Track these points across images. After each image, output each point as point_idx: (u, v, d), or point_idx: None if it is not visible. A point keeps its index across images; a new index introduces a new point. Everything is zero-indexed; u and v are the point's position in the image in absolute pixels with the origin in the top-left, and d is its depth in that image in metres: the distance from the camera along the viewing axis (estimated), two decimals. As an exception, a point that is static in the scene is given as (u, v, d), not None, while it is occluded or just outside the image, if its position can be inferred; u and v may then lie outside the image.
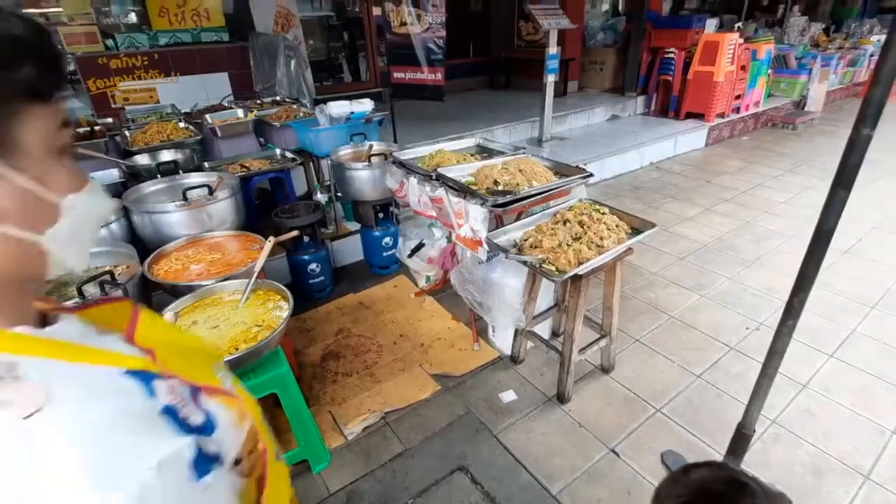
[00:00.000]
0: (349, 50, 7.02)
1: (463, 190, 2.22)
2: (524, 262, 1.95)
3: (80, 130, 2.99)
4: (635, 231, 2.16)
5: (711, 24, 6.54)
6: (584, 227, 2.10)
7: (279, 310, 1.78)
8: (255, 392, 1.71)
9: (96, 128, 3.04)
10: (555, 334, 2.69)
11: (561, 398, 2.25)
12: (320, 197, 3.18)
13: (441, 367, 2.46)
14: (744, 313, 2.90)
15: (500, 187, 2.21)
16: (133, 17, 4.84)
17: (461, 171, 2.39)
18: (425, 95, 4.14)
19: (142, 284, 1.92)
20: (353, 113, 3.27)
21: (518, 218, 2.50)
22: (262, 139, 3.36)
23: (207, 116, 3.33)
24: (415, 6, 3.83)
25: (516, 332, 2.43)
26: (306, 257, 2.84)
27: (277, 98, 4.09)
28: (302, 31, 5.18)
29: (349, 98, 3.44)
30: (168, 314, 1.30)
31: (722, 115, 6.55)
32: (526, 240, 2.09)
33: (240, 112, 3.53)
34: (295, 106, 3.70)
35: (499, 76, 8.02)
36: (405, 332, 2.70)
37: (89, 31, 4.49)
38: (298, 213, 2.76)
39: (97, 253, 2.00)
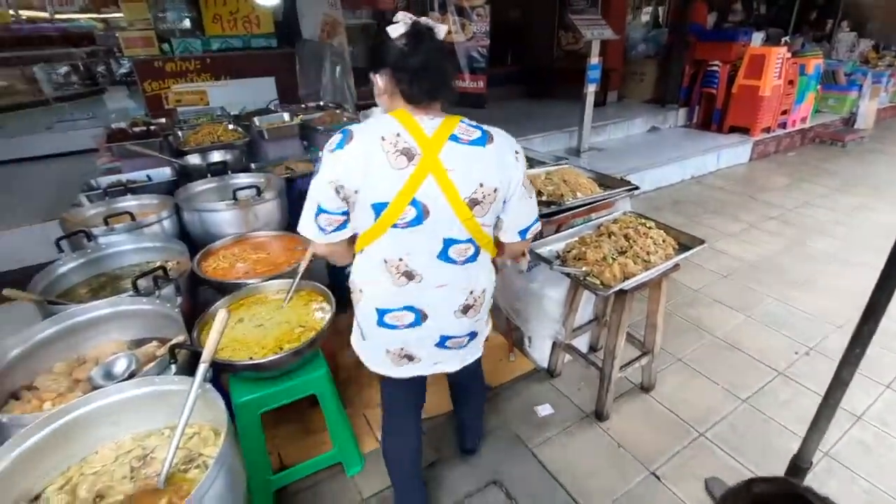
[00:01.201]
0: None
1: (506, 199, 2.20)
2: (568, 275, 1.92)
3: (136, 130, 3.13)
4: (683, 247, 2.09)
5: (757, 37, 6.35)
6: (630, 240, 2.05)
7: (322, 311, 1.80)
8: (294, 393, 1.74)
9: (151, 127, 3.17)
10: (592, 349, 2.63)
11: (599, 415, 2.19)
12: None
13: (475, 376, 2.43)
14: (792, 337, 2.77)
15: (544, 197, 2.19)
16: (188, 23, 5.05)
17: (504, 180, 2.37)
18: (466, 103, 4.16)
19: (191, 280, 1.97)
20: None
21: (558, 230, 2.47)
22: (305, 142, 3.43)
23: (256, 119, 3.43)
24: (460, 15, 3.85)
25: (554, 344, 2.38)
26: (347, 269, 2.86)
27: (321, 103, 4.17)
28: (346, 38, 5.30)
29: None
30: (221, 311, 1.33)
31: (767, 130, 6.34)
32: (569, 251, 2.06)
33: (286, 116, 3.62)
34: (339, 111, 3.76)
35: (536, 85, 7.98)
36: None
37: (147, 36, 4.72)
38: (339, 216, 2.78)
39: (151, 248, 2.07)
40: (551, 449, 2.05)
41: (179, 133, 3.23)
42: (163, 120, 3.65)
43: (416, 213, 1.19)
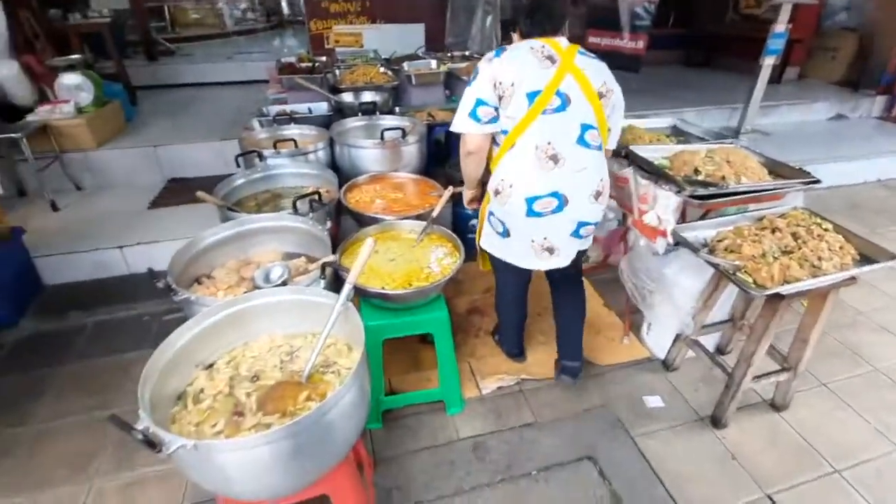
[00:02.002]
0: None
1: (655, 173, 2.03)
2: (715, 266, 1.73)
3: (302, 65, 3.40)
4: (864, 259, 1.78)
5: None
6: (799, 240, 1.78)
7: (450, 257, 1.86)
8: (415, 327, 1.85)
9: (315, 64, 3.43)
10: (720, 351, 2.40)
11: (716, 422, 2.02)
12: (492, 156, 3.19)
13: (584, 350, 2.37)
14: None
15: (701, 177, 1.97)
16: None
17: (655, 152, 2.18)
18: (619, 65, 3.81)
19: (337, 208, 2.15)
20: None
21: (705, 215, 2.23)
22: (448, 91, 3.46)
23: (405, 64, 3.53)
24: (631, -35, 3.50)
25: (677, 337, 2.22)
26: (469, 212, 2.89)
27: (467, 52, 4.15)
28: (499, -14, 5.14)
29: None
30: (369, 240, 1.43)
31: None
32: (720, 240, 1.85)
33: (433, 63, 3.67)
34: (483, 62, 3.72)
35: (697, 52, 7.08)
36: (551, 306, 2.64)
37: (316, -23, 5.01)
38: (471, 169, 2.81)
39: (307, 174, 2.29)
40: (655, 442, 1.96)
41: (337, 72, 3.45)
42: (323, 58, 3.92)
43: (561, 101, 1.55)
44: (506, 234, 1.71)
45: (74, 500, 1.72)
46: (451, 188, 2.08)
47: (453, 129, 1.65)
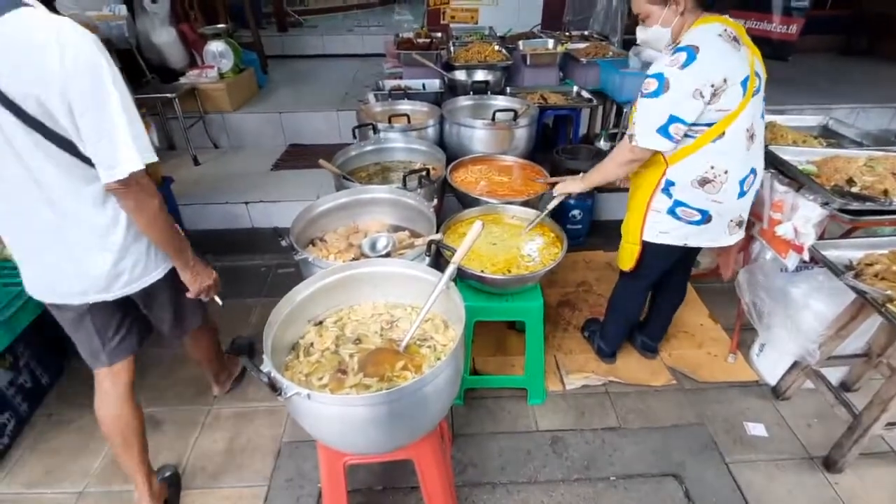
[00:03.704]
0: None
1: (796, 179, 1.80)
2: (861, 293, 1.51)
3: (420, 41, 3.46)
4: None
5: None
6: (977, 276, 1.49)
7: (553, 247, 1.82)
8: (509, 314, 1.85)
9: (432, 40, 3.46)
10: (845, 387, 2.12)
11: (829, 465, 1.80)
12: (603, 144, 3.04)
13: (681, 362, 2.23)
14: None
15: (856, 189, 1.71)
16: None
17: (799, 155, 1.93)
18: (764, 52, 3.40)
19: (442, 185, 2.19)
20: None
21: (849, 233, 1.95)
22: (562, 73, 3.33)
23: (521, 43, 3.44)
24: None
25: (795, 364, 1.99)
26: (572, 202, 2.81)
27: (586, 33, 3.94)
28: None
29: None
30: (478, 223, 1.44)
31: None
32: (869, 264, 1.61)
33: (550, 43, 3.53)
34: (604, 43, 3.50)
35: (860, 37, 6.03)
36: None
37: (437, -51, 5.01)
38: (580, 156, 2.70)
39: (417, 150, 2.35)
40: (753, 473, 1.80)
41: (451, 48, 3.46)
42: (439, 34, 3.95)
43: (758, 81, 1.53)
44: (705, 220, 1.65)
45: (197, 418, 1.99)
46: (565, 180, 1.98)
47: (640, 145, 1.54)
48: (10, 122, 1.05)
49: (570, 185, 1.90)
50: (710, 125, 1.51)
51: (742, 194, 1.63)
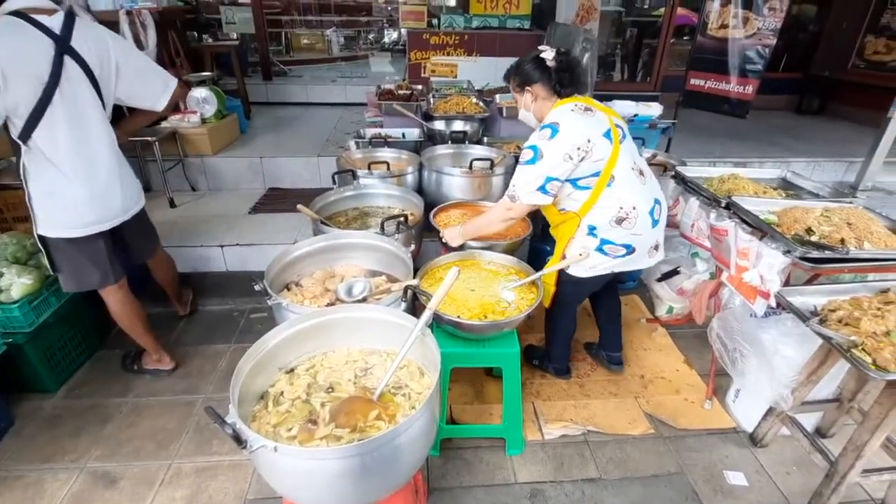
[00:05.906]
0: (629, 48, 6.60)
1: (760, 228, 1.88)
2: (826, 338, 1.55)
3: (401, 92, 3.59)
4: None
5: None
6: (934, 322, 1.55)
7: (530, 293, 1.83)
8: (486, 360, 1.83)
9: (412, 92, 3.60)
10: (820, 433, 2.13)
11: (810, 514, 1.78)
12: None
13: (659, 409, 2.22)
14: None
15: (815, 238, 1.80)
16: (453, 1, 5.52)
17: (760, 206, 2.03)
18: (723, 109, 3.64)
19: (420, 231, 2.21)
20: (636, 115, 3.09)
21: (812, 279, 2.03)
22: (537, 125, 3.48)
23: (497, 97, 3.61)
24: (745, 8, 3.34)
25: (770, 410, 2.00)
26: (548, 248, 2.85)
27: (559, 88, 4.15)
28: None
29: (633, 99, 3.27)
30: (454, 269, 1.45)
31: None
32: (833, 310, 1.66)
33: (525, 97, 3.71)
34: (576, 98, 3.70)
35: (811, 98, 6.54)
36: (627, 357, 2.50)
37: (419, 10, 5.31)
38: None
39: (395, 196, 2.38)
40: (735, 525, 1.76)
41: (431, 100, 3.60)
42: (419, 87, 4.12)
43: (621, 131, 1.84)
44: (629, 252, 1.88)
45: (156, 475, 1.86)
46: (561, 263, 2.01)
47: (524, 202, 1.79)
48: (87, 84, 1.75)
49: (449, 238, 2.05)
50: (596, 175, 1.77)
51: (655, 223, 1.89)
